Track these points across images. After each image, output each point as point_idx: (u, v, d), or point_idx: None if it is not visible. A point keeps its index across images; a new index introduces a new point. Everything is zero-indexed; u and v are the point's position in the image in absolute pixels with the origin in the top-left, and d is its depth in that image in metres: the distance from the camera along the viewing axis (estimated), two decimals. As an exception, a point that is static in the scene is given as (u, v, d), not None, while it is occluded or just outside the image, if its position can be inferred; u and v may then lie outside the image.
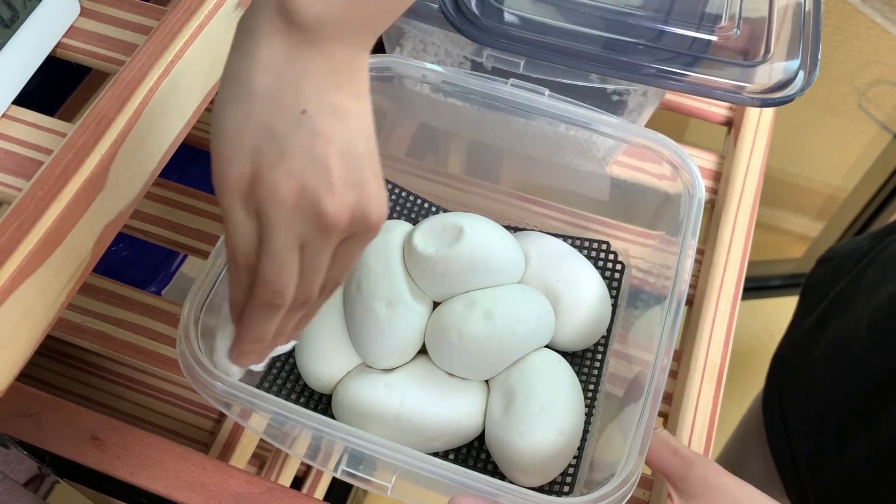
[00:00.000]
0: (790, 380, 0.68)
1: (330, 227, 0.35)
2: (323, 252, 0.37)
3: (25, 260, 0.34)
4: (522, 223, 0.60)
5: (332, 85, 0.34)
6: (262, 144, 0.34)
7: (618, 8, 0.57)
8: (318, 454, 0.41)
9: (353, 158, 0.35)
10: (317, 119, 0.34)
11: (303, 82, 0.34)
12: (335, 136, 0.34)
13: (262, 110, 0.34)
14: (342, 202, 0.35)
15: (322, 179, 0.34)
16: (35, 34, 0.40)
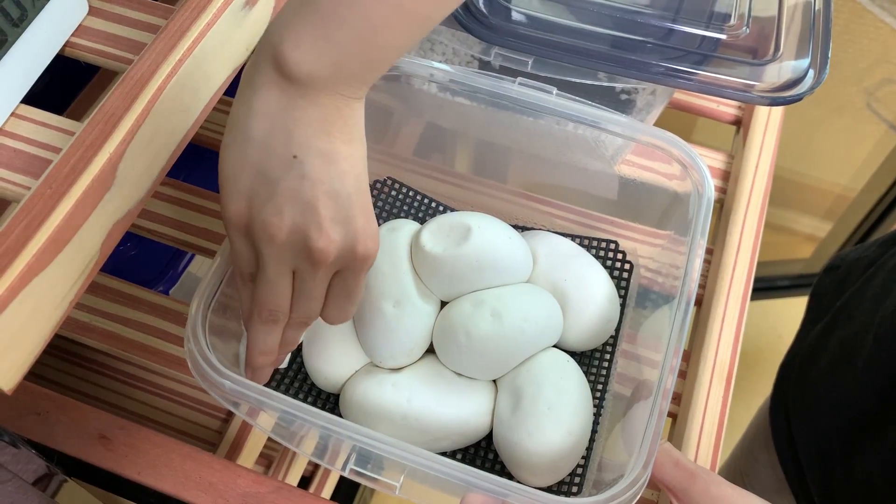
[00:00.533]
0: (796, 391, 0.68)
1: (318, 262, 0.39)
2: (314, 282, 0.41)
3: (34, 258, 0.34)
4: (530, 222, 0.60)
5: (322, 132, 0.37)
6: (256, 185, 0.38)
7: (626, 6, 0.57)
8: (325, 453, 0.41)
9: (341, 198, 0.38)
10: (306, 163, 0.37)
11: (295, 129, 0.37)
12: (323, 178, 0.37)
13: (256, 154, 0.37)
14: (329, 238, 0.38)
15: (310, 218, 0.38)
16: (44, 33, 0.40)
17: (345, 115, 0.38)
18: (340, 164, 0.38)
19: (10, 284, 0.33)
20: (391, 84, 0.56)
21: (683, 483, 0.42)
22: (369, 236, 0.40)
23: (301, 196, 0.37)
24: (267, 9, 0.47)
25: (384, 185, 0.60)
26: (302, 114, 0.37)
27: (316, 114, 0.37)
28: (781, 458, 0.68)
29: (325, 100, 0.37)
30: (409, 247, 0.51)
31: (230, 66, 0.45)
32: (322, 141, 0.37)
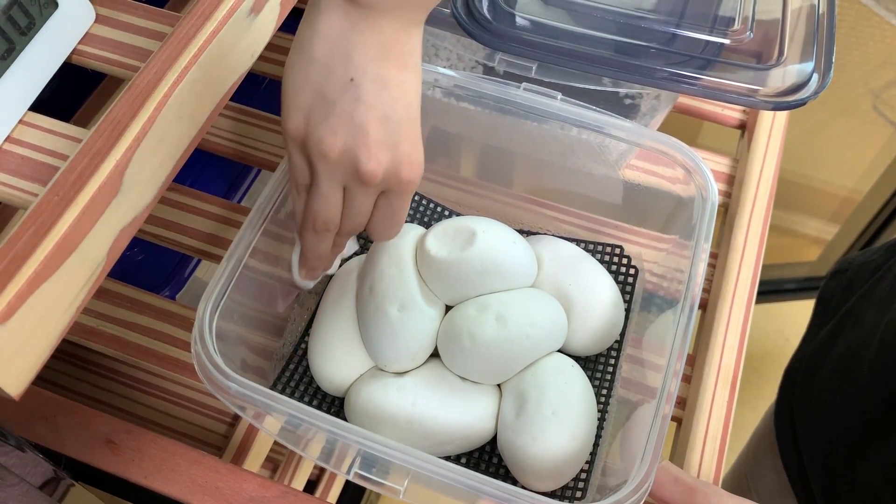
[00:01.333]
0: (801, 395, 0.68)
1: (365, 182, 0.42)
2: (362, 200, 0.44)
3: (42, 265, 0.34)
4: (535, 227, 0.60)
5: (379, 57, 0.40)
6: (314, 104, 0.40)
7: (630, 11, 0.57)
8: (330, 456, 0.42)
9: (390, 123, 0.41)
10: (362, 87, 0.40)
11: (354, 53, 0.39)
12: (375, 103, 0.40)
13: (317, 75, 0.40)
14: (376, 161, 0.41)
15: (360, 141, 0.40)
16: (51, 41, 0.41)
17: (402, 40, 0.40)
18: (393, 91, 0.40)
19: (18, 291, 0.34)
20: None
21: (684, 499, 0.42)
22: (413, 162, 0.42)
23: (354, 119, 0.40)
24: (272, 16, 0.47)
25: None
26: (361, 38, 0.39)
27: (374, 39, 0.39)
28: (786, 462, 0.68)
29: (385, 25, 0.39)
30: (414, 251, 0.51)
31: (236, 72, 0.45)
32: (378, 66, 0.40)
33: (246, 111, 0.69)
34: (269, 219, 0.48)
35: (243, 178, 0.83)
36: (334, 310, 0.52)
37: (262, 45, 0.47)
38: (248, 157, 0.67)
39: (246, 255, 0.47)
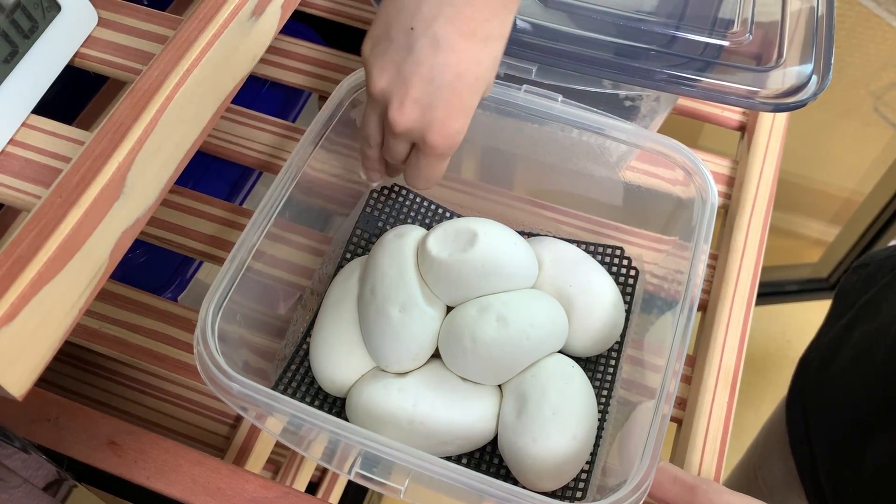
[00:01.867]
0: (815, 383, 0.68)
1: (389, 128, 0.44)
2: (392, 142, 0.46)
3: (44, 266, 0.35)
4: (536, 229, 0.60)
5: (444, 16, 0.40)
6: (379, 37, 0.43)
7: (630, 14, 0.57)
8: (331, 456, 0.42)
9: (432, 86, 0.41)
10: (417, 41, 0.41)
11: (423, 4, 0.40)
12: (423, 61, 0.41)
13: (390, 10, 0.42)
14: (403, 114, 0.42)
15: (397, 90, 0.42)
16: (54, 44, 0.41)
17: (480, 9, 0.41)
18: (447, 55, 0.41)
19: (22, 292, 0.34)
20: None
21: (684, 498, 0.42)
22: (444, 130, 0.43)
23: (401, 68, 0.41)
24: (273, 19, 0.47)
25: (391, 191, 0.60)
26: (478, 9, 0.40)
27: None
28: (794, 449, 0.68)
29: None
30: (415, 252, 0.52)
31: (237, 75, 0.45)
32: (441, 26, 0.40)
33: (248, 114, 0.69)
34: (272, 221, 0.48)
35: (245, 180, 0.83)
36: (336, 311, 0.52)
37: (264, 48, 0.47)
38: (250, 160, 0.67)
39: (249, 258, 0.47)
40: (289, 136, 0.68)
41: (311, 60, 0.72)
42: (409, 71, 0.41)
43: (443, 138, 0.44)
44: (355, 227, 0.58)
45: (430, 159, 0.46)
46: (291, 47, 0.73)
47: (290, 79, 0.71)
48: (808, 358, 0.71)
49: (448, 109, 0.42)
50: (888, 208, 1.36)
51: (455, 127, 0.44)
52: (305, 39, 0.74)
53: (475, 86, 0.43)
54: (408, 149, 0.47)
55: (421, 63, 0.41)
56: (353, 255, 0.58)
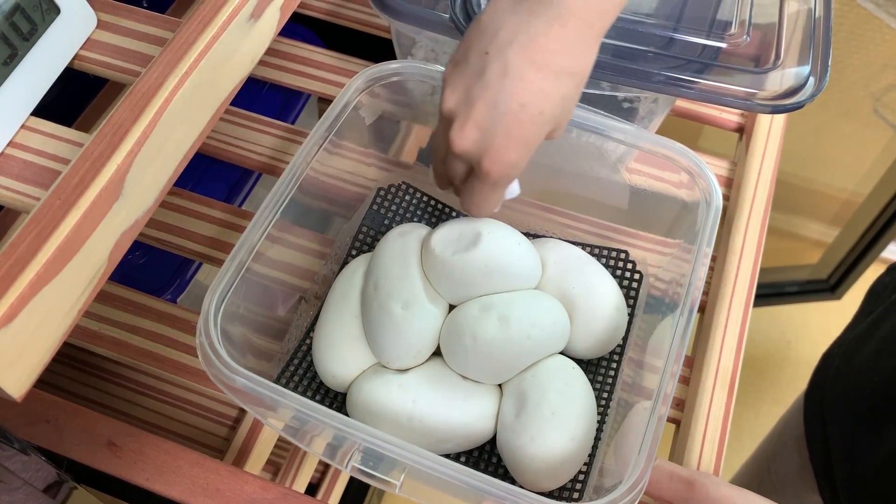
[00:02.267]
0: (835, 376, 0.68)
1: (450, 149, 0.43)
2: (451, 162, 0.46)
3: (43, 268, 0.35)
4: (541, 230, 0.60)
5: (518, 43, 0.40)
6: (459, 58, 0.43)
7: (628, 16, 0.57)
8: (329, 450, 0.42)
9: (495, 111, 0.41)
10: (490, 64, 0.41)
11: (501, 31, 0.40)
12: (492, 86, 0.41)
13: (473, 35, 0.42)
14: (462, 135, 0.42)
15: (463, 111, 0.42)
16: (53, 47, 0.41)
17: (556, 40, 0.40)
18: (513, 83, 0.40)
19: (21, 294, 0.34)
20: (398, 94, 0.57)
21: (682, 493, 0.42)
22: (499, 159, 0.43)
23: (469, 89, 0.42)
24: (272, 21, 0.48)
25: (398, 189, 0.60)
26: (515, 19, 0.40)
27: (526, 27, 0.40)
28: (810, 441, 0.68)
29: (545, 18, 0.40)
30: (419, 250, 0.52)
31: (236, 77, 0.45)
32: (514, 53, 0.40)
33: (247, 116, 0.69)
34: (273, 221, 0.48)
35: (244, 182, 0.83)
36: (339, 306, 0.52)
37: (262, 49, 0.47)
38: (249, 162, 0.67)
39: (249, 258, 0.47)
40: (288, 139, 0.68)
41: (311, 63, 0.72)
42: (476, 94, 0.41)
43: (497, 166, 0.43)
44: (361, 223, 0.59)
45: (482, 186, 0.45)
46: (290, 49, 0.73)
47: (289, 81, 0.71)
48: (832, 352, 0.71)
49: (507, 139, 0.42)
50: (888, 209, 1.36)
51: (511, 158, 0.43)
52: (305, 42, 0.74)
53: (539, 119, 0.42)
54: (465, 171, 0.47)
55: (488, 87, 0.41)
56: (358, 251, 0.58)
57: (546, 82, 0.41)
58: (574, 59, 0.41)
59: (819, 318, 1.57)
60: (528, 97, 0.41)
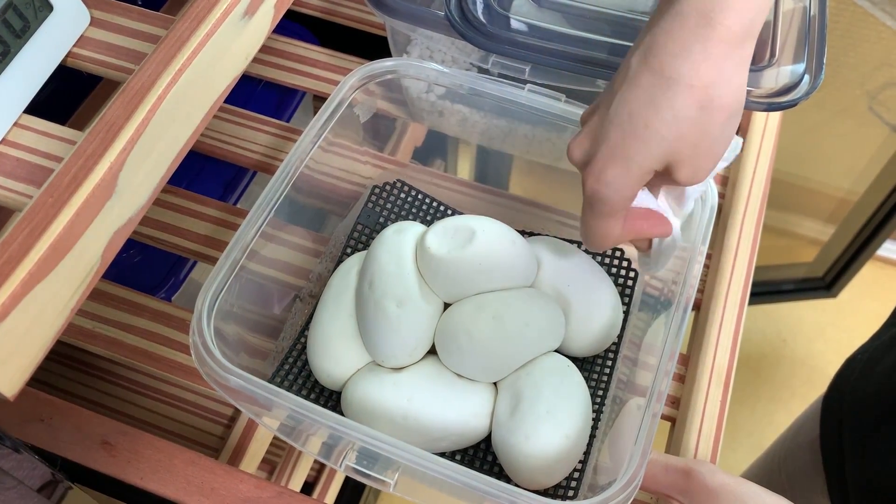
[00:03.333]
0: (856, 380, 0.68)
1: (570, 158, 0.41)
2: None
3: (36, 266, 0.35)
4: (537, 229, 0.60)
5: (643, 45, 0.38)
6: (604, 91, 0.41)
7: (623, 13, 0.57)
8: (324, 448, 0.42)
9: (607, 119, 0.39)
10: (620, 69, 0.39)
11: (650, 51, 0.37)
12: (614, 91, 0.39)
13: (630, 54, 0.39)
14: (575, 146, 0.41)
15: (586, 117, 0.41)
16: (46, 44, 0.41)
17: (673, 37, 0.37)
18: (629, 89, 0.38)
19: (13, 292, 0.34)
20: (393, 91, 0.57)
21: (679, 484, 0.42)
22: (596, 174, 0.39)
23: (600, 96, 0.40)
24: (266, 18, 0.47)
25: (393, 187, 0.60)
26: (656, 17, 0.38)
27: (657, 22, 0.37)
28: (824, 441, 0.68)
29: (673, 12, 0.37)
30: (414, 248, 0.52)
31: (230, 75, 0.45)
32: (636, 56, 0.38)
33: (242, 113, 0.69)
34: (267, 219, 0.48)
35: (239, 180, 0.83)
36: (334, 304, 0.52)
37: (257, 47, 0.47)
38: (244, 160, 0.67)
39: (243, 257, 0.47)
40: (283, 136, 0.68)
41: (306, 60, 0.72)
42: (601, 98, 0.39)
43: (594, 182, 0.39)
44: (356, 222, 0.59)
45: (584, 206, 0.41)
46: (285, 47, 0.73)
47: (284, 79, 0.71)
48: (855, 357, 0.71)
49: (611, 150, 0.38)
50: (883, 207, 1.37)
51: (609, 175, 0.38)
52: (299, 39, 0.74)
53: (643, 135, 0.37)
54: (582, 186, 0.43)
55: (611, 91, 0.38)
56: (353, 249, 0.58)
57: (656, 89, 0.37)
58: (691, 66, 0.36)
59: (814, 317, 1.57)
60: (636, 105, 0.37)
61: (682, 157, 0.38)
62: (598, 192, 0.39)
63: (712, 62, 0.36)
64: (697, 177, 0.40)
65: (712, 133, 0.38)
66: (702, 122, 0.37)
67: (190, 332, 0.43)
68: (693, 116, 0.37)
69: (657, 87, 0.37)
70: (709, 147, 0.38)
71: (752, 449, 1.29)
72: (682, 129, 0.37)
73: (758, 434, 1.39)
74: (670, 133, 0.37)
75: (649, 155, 0.38)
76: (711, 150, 0.39)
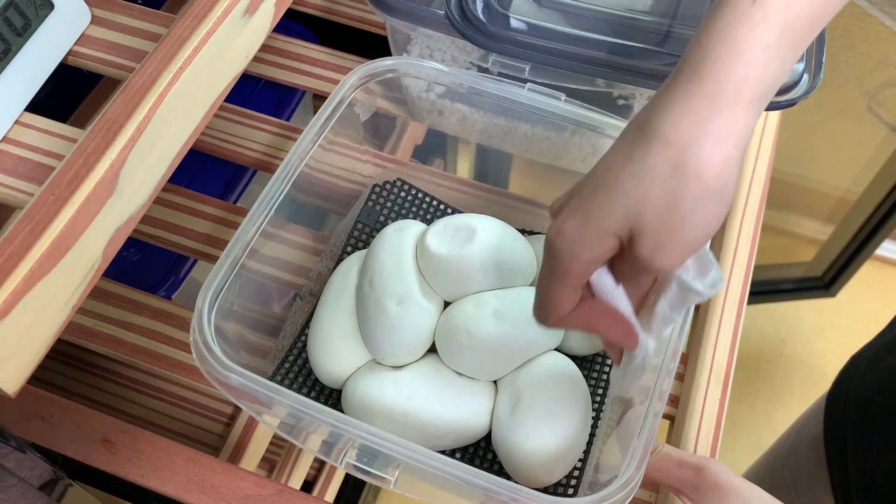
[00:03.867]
0: (861, 378, 0.68)
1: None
2: None
3: (37, 263, 0.35)
4: (536, 227, 0.60)
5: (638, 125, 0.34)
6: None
7: (623, 12, 0.57)
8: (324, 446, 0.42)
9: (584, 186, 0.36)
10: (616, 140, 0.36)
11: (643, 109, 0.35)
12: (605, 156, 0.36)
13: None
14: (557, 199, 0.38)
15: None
16: (47, 42, 0.41)
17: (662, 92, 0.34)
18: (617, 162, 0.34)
19: (14, 289, 0.34)
20: (393, 90, 0.57)
21: (691, 480, 0.42)
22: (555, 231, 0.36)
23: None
24: (267, 17, 0.47)
25: (393, 185, 0.60)
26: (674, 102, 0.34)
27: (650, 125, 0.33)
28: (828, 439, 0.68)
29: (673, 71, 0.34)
30: (414, 247, 0.52)
31: (230, 73, 0.45)
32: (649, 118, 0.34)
33: (242, 112, 0.69)
34: (268, 217, 0.48)
35: (239, 179, 0.83)
36: (335, 303, 0.52)
37: (257, 46, 0.47)
38: (244, 158, 0.67)
39: (244, 255, 0.47)
40: (283, 135, 0.68)
41: (306, 59, 0.72)
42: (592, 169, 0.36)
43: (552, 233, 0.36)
44: (357, 220, 0.59)
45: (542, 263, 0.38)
46: (286, 46, 0.73)
47: (284, 77, 0.71)
48: (860, 355, 0.71)
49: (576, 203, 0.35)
50: (882, 207, 1.37)
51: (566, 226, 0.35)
52: (300, 38, 0.74)
53: (608, 188, 0.34)
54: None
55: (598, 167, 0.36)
56: (353, 248, 0.58)
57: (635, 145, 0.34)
58: (674, 123, 0.33)
59: (813, 316, 1.57)
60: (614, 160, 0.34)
61: (645, 225, 0.34)
62: (552, 245, 0.36)
63: (694, 119, 0.33)
64: (658, 257, 0.34)
65: (682, 206, 0.33)
66: (671, 186, 0.33)
67: (191, 330, 0.43)
68: (662, 176, 0.33)
69: (636, 141, 0.34)
70: (677, 222, 0.33)
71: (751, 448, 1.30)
72: (647, 189, 0.33)
73: (756, 433, 1.39)
74: (635, 190, 0.33)
75: (610, 210, 0.34)
76: (680, 228, 0.33)
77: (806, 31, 0.34)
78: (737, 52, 0.33)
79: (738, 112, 0.33)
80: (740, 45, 0.33)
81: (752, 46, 0.33)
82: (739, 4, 0.33)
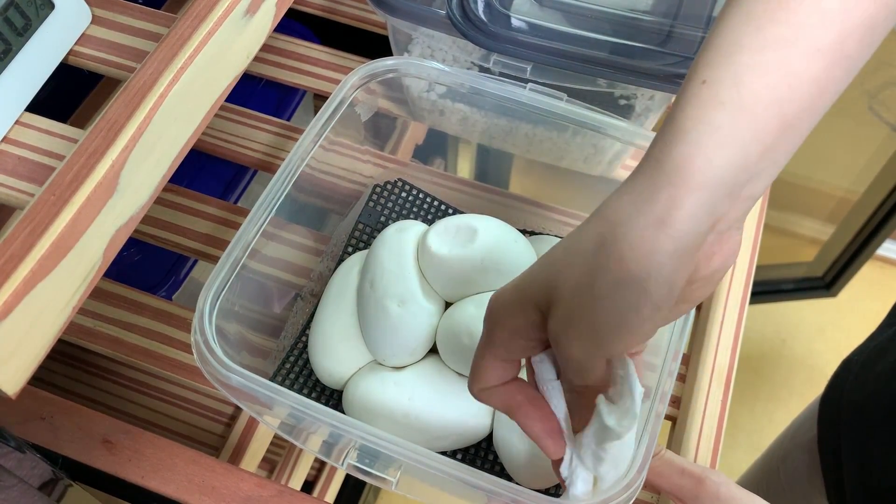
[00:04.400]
0: (854, 382, 0.68)
1: None
2: None
3: (38, 264, 0.35)
4: (537, 228, 0.60)
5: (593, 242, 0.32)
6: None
7: (624, 12, 0.57)
8: (325, 447, 0.42)
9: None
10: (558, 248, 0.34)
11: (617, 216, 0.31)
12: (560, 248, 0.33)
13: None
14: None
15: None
16: (47, 42, 0.41)
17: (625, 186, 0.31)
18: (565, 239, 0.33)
19: (15, 290, 0.34)
20: (394, 90, 0.57)
21: (692, 490, 0.42)
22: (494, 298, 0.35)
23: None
24: (268, 17, 0.47)
25: (394, 186, 0.60)
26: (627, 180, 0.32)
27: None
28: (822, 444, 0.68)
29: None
30: (415, 247, 0.52)
31: (231, 73, 0.45)
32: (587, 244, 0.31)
33: (243, 112, 0.69)
34: (269, 218, 0.48)
35: (240, 179, 0.83)
36: (336, 303, 0.52)
37: (258, 45, 0.47)
38: (245, 158, 0.67)
39: (245, 255, 0.47)
40: (284, 135, 0.68)
41: (307, 59, 0.72)
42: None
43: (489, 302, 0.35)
44: (357, 220, 0.59)
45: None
46: (286, 46, 0.73)
47: (284, 77, 0.71)
48: (852, 359, 0.71)
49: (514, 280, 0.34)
50: (883, 207, 1.37)
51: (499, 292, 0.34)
52: (301, 38, 0.74)
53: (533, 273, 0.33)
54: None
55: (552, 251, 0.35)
56: (354, 248, 0.58)
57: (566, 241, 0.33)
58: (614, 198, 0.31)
59: (814, 316, 1.57)
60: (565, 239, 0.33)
61: (560, 298, 0.32)
62: (487, 309, 0.35)
63: (631, 199, 0.31)
64: (565, 337, 0.32)
65: (598, 286, 0.30)
66: (591, 263, 0.31)
67: (192, 330, 0.43)
68: (588, 251, 0.31)
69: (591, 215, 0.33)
70: (588, 303, 0.31)
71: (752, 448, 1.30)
72: (571, 261, 0.32)
73: (757, 433, 1.39)
74: (561, 261, 0.32)
75: (534, 279, 0.33)
76: (591, 309, 0.31)
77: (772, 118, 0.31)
78: (681, 131, 0.30)
79: (680, 197, 0.30)
80: (684, 125, 0.30)
81: (697, 126, 0.30)
82: (690, 86, 0.31)
